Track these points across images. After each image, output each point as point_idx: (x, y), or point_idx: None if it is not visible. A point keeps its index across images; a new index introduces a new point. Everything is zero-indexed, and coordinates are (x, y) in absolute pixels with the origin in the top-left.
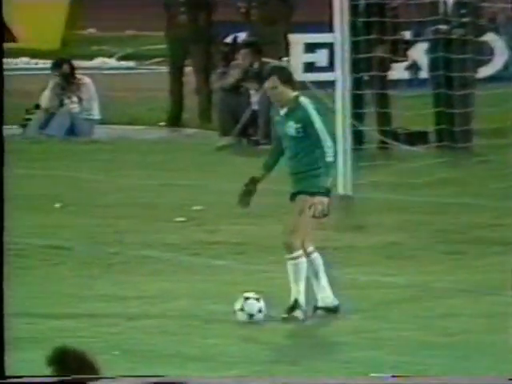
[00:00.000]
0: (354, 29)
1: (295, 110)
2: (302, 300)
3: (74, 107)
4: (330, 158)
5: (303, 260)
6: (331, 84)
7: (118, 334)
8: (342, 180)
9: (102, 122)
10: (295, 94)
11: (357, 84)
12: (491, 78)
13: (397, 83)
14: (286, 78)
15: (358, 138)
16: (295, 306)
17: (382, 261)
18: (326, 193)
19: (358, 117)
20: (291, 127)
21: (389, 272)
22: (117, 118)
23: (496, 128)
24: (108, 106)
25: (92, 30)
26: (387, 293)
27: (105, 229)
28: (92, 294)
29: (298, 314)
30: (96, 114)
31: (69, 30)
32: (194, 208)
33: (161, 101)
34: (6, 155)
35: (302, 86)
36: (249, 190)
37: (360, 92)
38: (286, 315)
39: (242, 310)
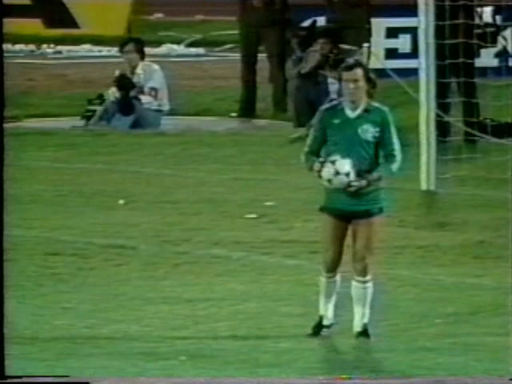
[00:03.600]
0: (439, 12)
1: (372, 112)
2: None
3: (148, 100)
4: (394, 169)
5: (371, 284)
6: (414, 72)
7: (184, 338)
8: (425, 174)
9: (169, 112)
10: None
11: (442, 72)
12: None
13: (485, 71)
14: (368, 76)
15: (442, 129)
16: (366, 330)
17: (467, 261)
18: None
19: (442, 107)
20: (368, 131)
21: (475, 273)
22: (185, 108)
23: None
24: (175, 95)
25: (159, 15)
26: (473, 295)
27: (171, 226)
28: (157, 296)
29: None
30: (165, 105)
31: (135, 14)
32: (266, 204)
33: (232, 90)
34: (67, 149)
35: (384, 74)
36: None
37: (445, 80)
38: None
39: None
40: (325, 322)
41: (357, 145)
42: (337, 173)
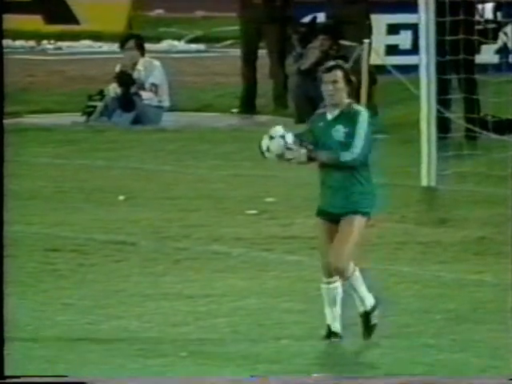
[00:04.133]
0: (439, 9)
1: (347, 113)
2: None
3: (149, 96)
4: (342, 158)
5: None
6: (415, 68)
7: (185, 334)
8: (426, 170)
9: (170, 109)
10: (350, 100)
11: (442, 68)
12: None
13: (485, 67)
14: (348, 78)
15: (443, 125)
16: (369, 315)
17: (468, 257)
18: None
19: (443, 103)
20: (339, 131)
21: (476, 269)
22: (185, 104)
23: None
24: (176, 91)
25: (160, 11)
26: (474, 292)
27: (171, 223)
28: (157, 293)
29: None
30: (166, 101)
31: (135, 11)
32: (267, 200)
33: (232, 86)
34: (67, 145)
35: (384, 71)
36: None
37: (446, 77)
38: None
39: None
40: (333, 330)
41: (333, 146)
42: (271, 137)
